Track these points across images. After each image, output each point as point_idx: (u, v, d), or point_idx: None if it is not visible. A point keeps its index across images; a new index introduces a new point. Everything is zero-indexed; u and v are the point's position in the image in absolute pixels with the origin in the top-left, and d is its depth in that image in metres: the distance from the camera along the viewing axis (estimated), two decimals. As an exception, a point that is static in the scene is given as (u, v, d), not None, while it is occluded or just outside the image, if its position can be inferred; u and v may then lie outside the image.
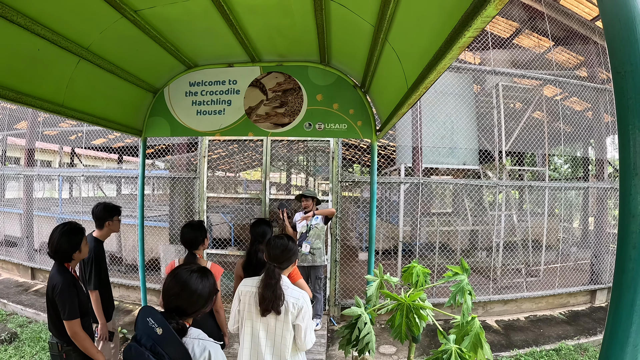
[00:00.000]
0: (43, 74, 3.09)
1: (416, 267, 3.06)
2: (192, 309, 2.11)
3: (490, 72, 7.78)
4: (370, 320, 2.89)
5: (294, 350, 2.78)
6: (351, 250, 7.94)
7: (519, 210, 9.10)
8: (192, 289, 2.08)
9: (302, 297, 2.76)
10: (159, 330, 1.91)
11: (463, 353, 2.32)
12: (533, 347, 6.06)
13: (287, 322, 2.71)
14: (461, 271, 2.80)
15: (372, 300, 3.14)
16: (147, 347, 1.88)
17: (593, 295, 8.14)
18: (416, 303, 2.66)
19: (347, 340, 2.90)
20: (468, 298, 2.72)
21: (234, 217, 10.09)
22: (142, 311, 2.00)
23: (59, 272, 2.99)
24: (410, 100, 2.58)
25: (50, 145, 14.77)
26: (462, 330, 2.62)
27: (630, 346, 0.95)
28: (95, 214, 4.08)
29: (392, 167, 10.40)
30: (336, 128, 4.46)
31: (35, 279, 9.18)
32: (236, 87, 4.61)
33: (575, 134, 8.83)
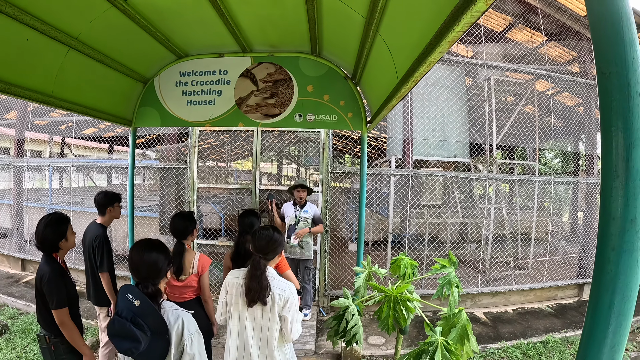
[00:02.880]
0: (32, 65, 3.06)
1: (404, 259, 3.08)
2: (153, 276, 2.29)
3: (483, 65, 7.78)
4: (358, 312, 2.90)
5: (280, 342, 2.78)
6: (341, 241, 7.95)
7: (509, 203, 9.15)
8: (146, 259, 2.28)
9: (289, 289, 2.76)
10: (137, 302, 2.09)
11: (449, 345, 2.34)
12: (521, 339, 6.11)
13: (273, 313, 2.71)
14: (449, 264, 2.82)
15: (360, 291, 3.16)
16: (127, 319, 2.05)
17: (581, 289, 8.21)
18: (403, 295, 2.68)
19: (335, 332, 2.92)
20: (455, 290, 2.75)
21: (224, 207, 10.06)
22: (122, 289, 2.17)
23: (46, 262, 2.98)
24: (400, 92, 2.59)
25: (41, 135, 14.62)
26: (449, 323, 2.64)
27: (608, 347, 0.96)
28: (97, 201, 4.27)
29: (382, 159, 10.41)
30: (327, 119, 4.47)
31: (26, 270, 9.12)
32: (227, 78, 4.59)
33: (566, 129, 8.90)
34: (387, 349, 5.71)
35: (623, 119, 0.92)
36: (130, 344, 2.04)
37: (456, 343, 2.49)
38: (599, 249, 0.97)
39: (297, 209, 6.06)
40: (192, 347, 2.21)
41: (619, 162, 0.92)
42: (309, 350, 5.45)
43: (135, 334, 2.02)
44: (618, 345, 0.96)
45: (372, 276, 3.26)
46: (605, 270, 0.95)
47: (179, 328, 2.20)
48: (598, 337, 0.97)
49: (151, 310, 2.12)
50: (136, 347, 2.04)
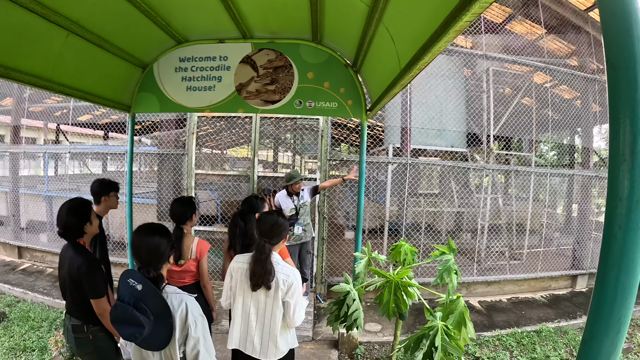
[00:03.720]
0: (31, 49, 3.04)
1: (404, 246, 3.11)
2: (155, 260, 2.29)
3: (482, 56, 7.78)
4: (358, 297, 2.93)
5: (283, 327, 2.80)
6: (338, 228, 7.97)
7: (505, 194, 9.19)
8: (149, 244, 2.28)
9: (293, 274, 2.77)
10: (139, 287, 2.08)
11: (449, 330, 2.38)
12: (514, 328, 6.18)
13: (276, 298, 2.73)
14: (448, 251, 2.85)
15: (361, 277, 3.19)
16: (130, 304, 2.03)
17: (574, 280, 8.28)
18: (404, 281, 2.71)
19: (336, 317, 2.96)
20: (454, 277, 2.78)
21: (220, 194, 10.06)
22: (123, 274, 2.15)
23: (78, 252, 2.88)
24: (402, 81, 2.59)
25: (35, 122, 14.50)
26: (447, 309, 2.68)
27: (615, 318, 1.02)
28: (92, 189, 4.09)
29: (379, 147, 10.41)
30: (326, 106, 4.47)
31: (22, 257, 9.09)
32: (227, 64, 4.57)
33: (562, 122, 8.92)
34: (383, 335, 5.76)
35: (630, 108, 0.96)
36: (134, 329, 2.03)
37: (454, 329, 2.53)
38: (606, 228, 1.02)
39: (294, 198, 6.06)
40: (197, 331, 2.20)
41: (625, 148, 0.97)
42: (306, 337, 5.49)
43: (139, 318, 2.01)
44: (624, 317, 1.02)
45: (372, 262, 3.30)
46: (612, 247, 1.01)
47: (183, 312, 2.19)
48: (606, 309, 1.03)
49: (154, 294, 2.11)
50: (140, 332, 2.03)
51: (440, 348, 2.31)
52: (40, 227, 9.03)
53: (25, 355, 5.02)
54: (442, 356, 2.30)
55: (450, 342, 2.33)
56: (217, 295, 4.76)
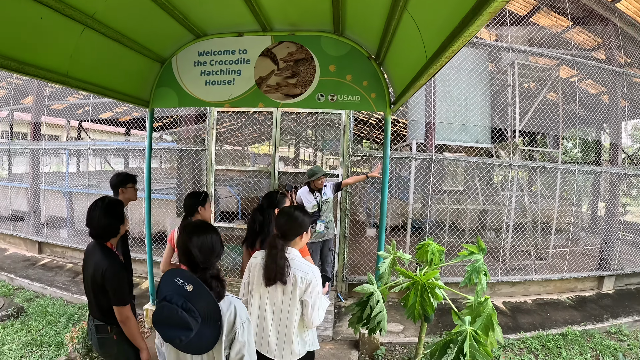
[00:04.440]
0: (47, 44, 3.00)
1: (431, 245, 2.97)
2: (212, 260, 2.17)
3: (507, 49, 7.55)
4: (382, 299, 2.81)
5: (301, 327, 2.71)
6: (359, 225, 7.82)
7: (530, 191, 8.96)
8: (203, 243, 2.15)
9: (312, 271, 2.66)
10: (189, 287, 1.97)
11: (478, 336, 2.24)
12: (540, 330, 6.00)
13: (294, 297, 2.63)
14: (477, 250, 2.71)
15: (384, 277, 3.06)
16: (178, 305, 1.91)
17: (600, 281, 8.01)
18: (432, 282, 2.58)
19: (358, 318, 2.84)
20: (483, 279, 2.64)
21: (241, 190, 10.00)
22: (168, 274, 2.05)
23: (104, 255, 2.80)
24: (429, 70, 2.45)
25: (58, 119, 14.64)
26: (474, 311, 2.55)
27: None
28: (110, 182, 4.18)
29: (402, 143, 10.24)
30: (349, 100, 4.35)
31: (42, 253, 9.16)
32: (246, 57, 4.49)
33: (589, 118, 8.64)
34: (405, 336, 5.63)
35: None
36: (180, 332, 1.92)
37: (481, 333, 2.39)
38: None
39: (316, 195, 5.96)
40: (243, 335, 2.11)
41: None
42: (326, 336, 5.38)
43: (187, 320, 1.90)
44: None
45: (397, 261, 3.16)
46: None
47: (232, 315, 2.09)
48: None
49: (205, 294, 2.00)
50: (186, 336, 1.93)
51: (469, 355, 2.17)
52: (61, 223, 9.10)
53: (41, 351, 5.03)
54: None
55: (479, 349, 2.19)
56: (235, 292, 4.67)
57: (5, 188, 10.49)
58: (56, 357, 4.80)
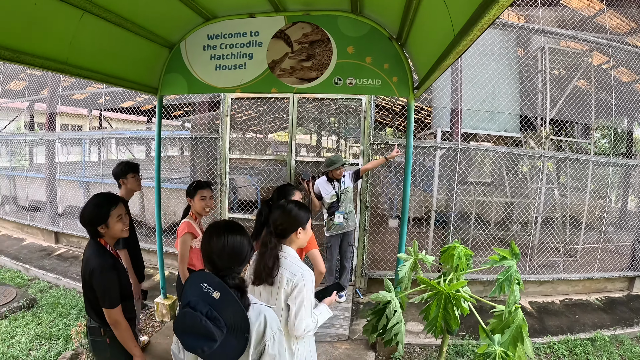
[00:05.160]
0: (42, 31, 2.89)
1: (458, 248, 2.63)
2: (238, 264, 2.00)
3: (537, 31, 7.11)
4: (400, 306, 2.50)
5: (290, 335, 2.46)
6: (380, 217, 7.52)
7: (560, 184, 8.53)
8: (229, 245, 1.97)
9: (300, 274, 2.39)
10: (216, 294, 1.82)
11: (508, 357, 1.92)
12: (567, 334, 5.64)
13: (279, 299, 2.41)
14: (510, 256, 2.38)
15: (404, 282, 2.75)
16: (202, 313, 1.76)
17: (631, 282, 7.52)
18: (457, 294, 2.25)
19: (373, 328, 2.54)
20: (516, 289, 2.32)
21: (260, 179, 9.82)
22: (194, 277, 1.91)
23: (96, 253, 2.64)
24: (458, 47, 2.13)
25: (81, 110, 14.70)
26: (502, 322, 2.24)
27: None
28: (112, 173, 4.11)
29: (426, 131, 9.91)
30: (369, 84, 4.06)
31: (59, 243, 9.16)
32: (258, 39, 4.24)
33: (621, 107, 8.15)
34: (425, 337, 5.33)
35: None
36: (203, 342, 1.76)
37: (508, 345, 2.08)
38: None
39: (335, 185, 5.70)
40: (274, 347, 1.93)
41: None
42: (342, 335, 5.13)
43: (211, 330, 1.74)
44: None
45: (418, 264, 2.84)
46: None
47: (261, 326, 1.92)
48: None
49: (233, 303, 1.84)
50: (210, 347, 1.76)
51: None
52: (77, 213, 9.03)
53: (49, 344, 4.94)
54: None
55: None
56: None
57: (23, 179, 10.55)
58: (64, 351, 4.68)
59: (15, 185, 10.83)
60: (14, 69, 10.65)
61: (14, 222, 10.10)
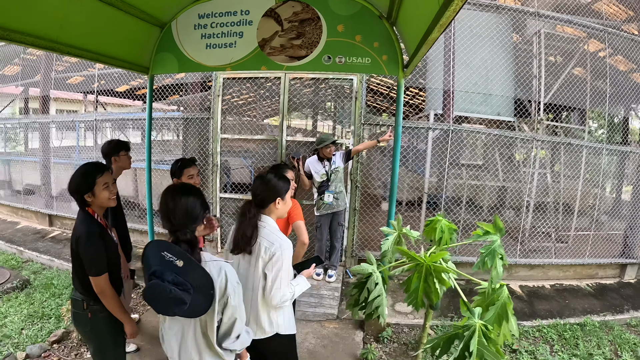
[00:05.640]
0: (32, 9, 2.86)
1: (441, 221, 2.65)
2: (191, 222, 2.15)
3: (533, 14, 7.08)
4: (382, 280, 2.50)
5: (265, 305, 2.53)
6: (372, 198, 7.50)
7: (552, 169, 8.53)
8: (183, 204, 2.14)
9: (279, 243, 2.44)
10: (179, 263, 1.95)
11: (489, 331, 1.93)
12: (557, 318, 5.69)
13: (257, 267, 2.46)
14: (494, 230, 2.39)
15: (388, 256, 2.76)
16: (170, 282, 1.90)
17: (623, 269, 7.59)
18: (438, 265, 2.26)
19: (355, 301, 2.55)
20: (499, 263, 2.33)
21: (254, 161, 9.83)
22: (154, 246, 2.03)
23: (83, 221, 2.64)
24: (442, 20, 2.12)
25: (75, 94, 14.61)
26: (487, 299, 2.25)
27: None
28: (101, 150, 4.09)
29: (420, 114, 9.88)
30: (358, 62, 4.05)
31: (53, 225, 9.20)
32: (249, 18, 4.22)
33: (617, 95, 8.13)
34: (414, 317, 5.38)
35: None
36: (174, 307, 1.93)
37: (493, 323, 2.09)
38: None
39: (325, 164, 5.72)
40: (235, 299, 2.13)
41: None
42: (331, 315, 5.19)
43: (180, 296, 1.89)
44: None
45: (403, 239, 2.85)
46: None
47: (223, 281, 2.10)
48: None
49: (195, 267, 1.99)
50: (180, 309, 1.94)
51: (476, 353, 1.87)
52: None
53: (42, 323, 4.98)
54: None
55: (489, 347, 1.89)
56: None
57: (17, 163, 10.58)
58: (55, 329, 4.73)
59: (10, 170, 10.83)
60: (7, 53, 10.55)
61: (8, 206, 10.12)
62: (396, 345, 4.78)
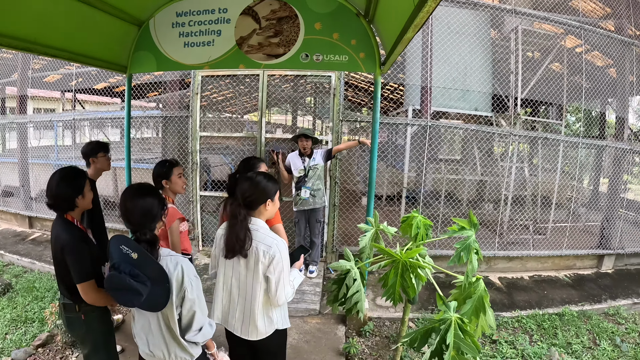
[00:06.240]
0: (8, 10, 2.83)
1: (416, 218, 2.69)
2: (149, 221, 2.26)
3: (511, 11, 7.17)
4: (361, 276, 2.54)
5: (267, 304, 2.51)
6: (352, 194, 7.54)
7: (530, 163, 8.67)
8: (140, 205, 2.24)
9: (276, 245, 2.43)
10: (134, 255, 2.07)
11: (464, 324, 1.98)
12: (536, 309, 5.80)
13: (257, 272, 2.42)
14: (468, 226, 2.44)
15: (366, 252, 2.80)
16: (126, 273, 2.03)
17: (600, 260, 7.76)
18: (414, 261, 2.30)
19: (335, 297, 2.59)
20: (474, 257, 2.38)
21: (234, 158, 9.80)
22: (114, 240, 2.13)
23: (64, 229, 2.59)
24: (417, 20, 2.15)
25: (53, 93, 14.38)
26: (464, 293, 2.31)
27: None
28: (81, 152, 4.06)
29: (398, 110, 9.93)
30: (336, 60, 4.10)
31: (33, 227, 9.02)
32: (226, 16, 4.24)
33: (594, 91, 8.28)
34: (395, 311, 5.43)
35: None
36: (131, 297, 2.04)
37: (470, 316, 2.15)
38: None
39: (305, 159, 5.76)
40: (192, 292, 2.23)
41: None
42: (313, 310, 5.22)
43: (136, 287, 2.01)
44: None
45: (380, 235, 2.89)
46: None
47: (179, 275, 2.19)
48: None
49: (150, 261, 2.10)
50: (137, 299, 2.05)
51: (452, 345, 1.92)
52: (52, 197, 8.91)
53: (25, 327, 4.92)
54: (454, 355, 1.92)
55: (464, 339, 1.94)
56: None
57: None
58: (39, 333, 4.65)
59: (-14, 172, 10.57)
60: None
61: (-13, 209, 9.91)
62: (378, 339, 4.83)
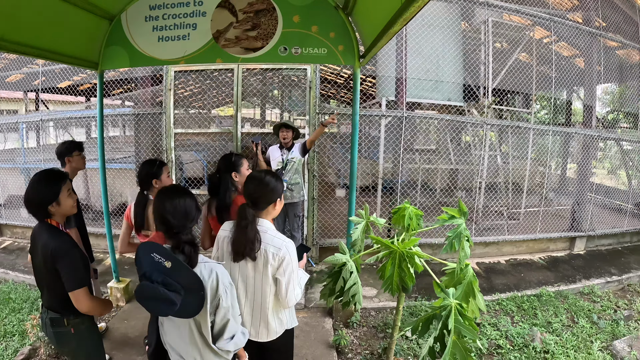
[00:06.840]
0: None
1: (408, 209, 2.71)
2: (189, 223, 2.19)
3: (482, 3, 7.26)
4: (356, 269, 2.55)
5: (277, 306, 2.47)
6: (328, 187, 7.55)
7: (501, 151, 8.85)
8: (180, 206, 2.16)
9: (285, 247, 2.37)
10: (168, 264, 1.96)
11: (463, 309, 2.01)
12: (514, 291, 5.96)
13: (266, 274, 2.37)
14: (459, 214, 2.47)
15: (357, 245, 2.81)
16: (159, 282, 1.93)
17: (572, 242, 8.03)
18: (411, 251, 2.32)
19: (331, 291, 2.59)
20: (466, 245, 2.42)
21: (206, 155, 9.65)
22: (143, 247, 2.01)
23: (52, 235, 2.43)
24: (406, 13, 2.12)
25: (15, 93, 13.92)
26: (454, 279, 2.35)
27: None
28: (56, 152, 4.03)
29: (370, 101, 9.96)
30: (315, 53, 4.07)
31: (3, 235, 8.62)
32: (202, 9, 4.13)
33: (561, 80, 8.49)
34: (379, 301, 5.49)
35: None
36: (165, 307, 1.94)
37: (462, 300, 2.19)
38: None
39: (284, 152, 5.75)
40: (227, 300, 2.14)
41: None
42: (299, 304, 5.21)
43: (170, 297, 1.90)
44: None
45: (370, 227, 2.90)
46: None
47: (214, 282, 2.10)
48: None
49: (184, 269, 1.99)
50: (171, 309, 1.95)
51: (454, 330, 1.96)
52: (20, 202, 8.56)
53: (5, 342, 4.69)
54: (455, 339, 1.95)
55: (464, 323, 1.97)
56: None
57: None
58: (21, 347, 4.45)
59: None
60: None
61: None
62: (365, 329, 4.87)
